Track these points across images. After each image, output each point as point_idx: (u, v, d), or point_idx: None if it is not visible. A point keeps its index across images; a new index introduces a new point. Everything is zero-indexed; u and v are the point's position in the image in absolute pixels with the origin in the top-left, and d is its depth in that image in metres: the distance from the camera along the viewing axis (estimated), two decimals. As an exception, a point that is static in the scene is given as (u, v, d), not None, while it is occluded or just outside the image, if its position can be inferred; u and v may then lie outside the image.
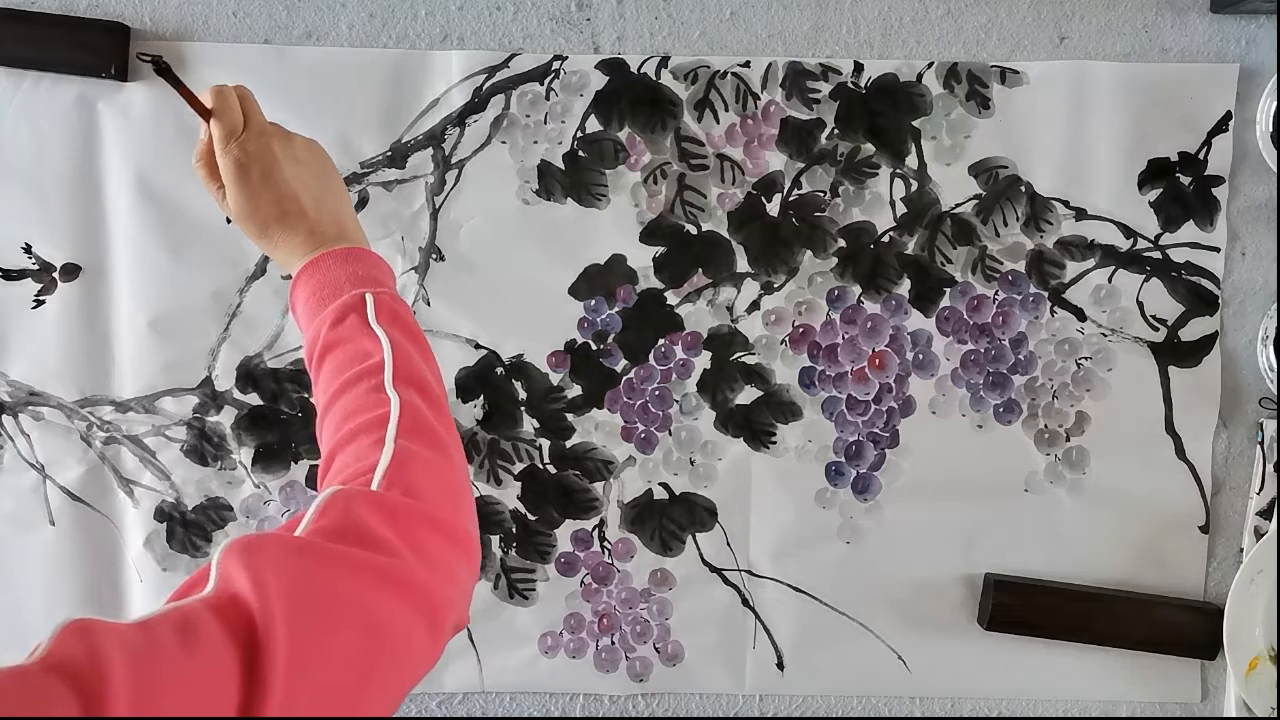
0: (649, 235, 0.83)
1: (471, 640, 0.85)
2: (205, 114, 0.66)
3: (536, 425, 0.84)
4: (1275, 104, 0.80)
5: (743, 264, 0.83)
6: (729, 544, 0.85)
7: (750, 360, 0.84)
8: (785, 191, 0.83)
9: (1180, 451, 0.84)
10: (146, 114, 0.81)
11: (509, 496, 0.84)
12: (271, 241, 0.66)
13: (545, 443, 0.84)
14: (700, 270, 0.83)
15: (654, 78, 0.82)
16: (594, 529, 0.85)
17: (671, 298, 0.83)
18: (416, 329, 0.64)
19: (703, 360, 0.84)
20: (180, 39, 0.81)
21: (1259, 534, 0.83)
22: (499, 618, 0.85)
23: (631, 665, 0.86)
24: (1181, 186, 0.82)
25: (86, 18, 0.80)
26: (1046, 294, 0.83)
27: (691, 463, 0.84)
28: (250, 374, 0.83)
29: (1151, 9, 0.82)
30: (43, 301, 0.81)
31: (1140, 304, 0.83)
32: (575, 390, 0.84)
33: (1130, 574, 0.85)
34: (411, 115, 0.82)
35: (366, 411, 0.57)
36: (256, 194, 0.65)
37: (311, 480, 0.84)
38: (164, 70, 0.65)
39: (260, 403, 0.83)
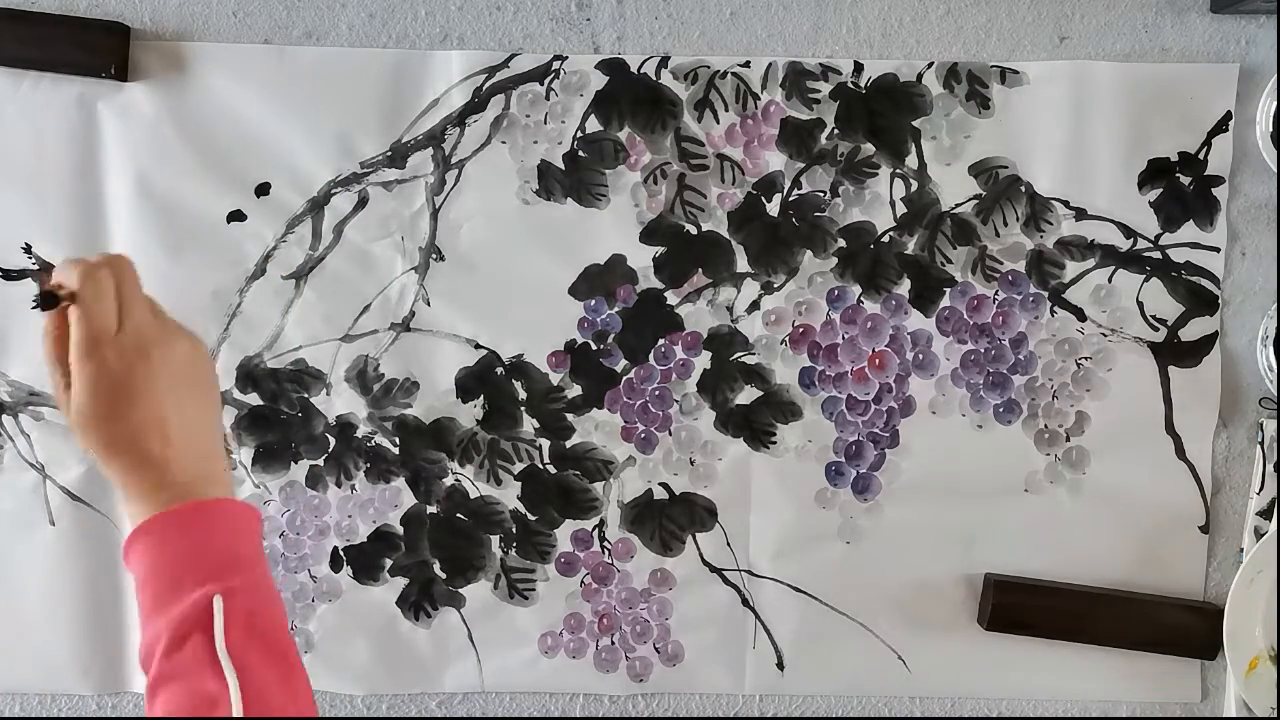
0: (649, 235, 0.83)
1: (471, 640, 0.85)
2: (51, 299, 0.53)
3: (536, 425, 0.84)
4: (1275, 104, 0.80)
5: (743, 264, 0.83)
6: (729, 544, 0.85)
7: (750, 360, 0.84)
8: (785, 191, 0.83)
9: (1180, 451, 0.84)
10: (146, 114, 0.81)
11: (509, 496, 0.84)
12: (114, 466, 0.52)
13: (545, 443, 0.84)
14: (700, 270, 0.83)
15: (654, 78, 0.82)
16: (594, 529, 0.85)
17: (671, 298, 0.83)
18: (283, 639, 0.51)
19: (703, 360, 0.84)
20: (180, 39, 0.81)
21: (1259, 534, 0.83)
22: (499, 618, 0.85)
23: (631, 665, 0.86)
24: (1181, 186, 0.82)
25: (86, 18, 0.80)
26: (1046, 294, 0.83)
27: (691, 463, 0.84)
28: (250, 374, 0.83)
29: (1151, 9, 0.82)
30: (43, 301, 0.81)
31: (1140, 304, 0.83)
32: (575, 390, 0.84)
33: (1130, 574, 0.85)
34: (411, 115, 0.82)
35: None
36: (114, 413, 0.51)
37: (312, 480, 0.84)
38: (51, 301, 0.53)
39: (260, 403, 0.83)
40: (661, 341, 0.83)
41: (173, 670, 0.48)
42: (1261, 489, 0.83)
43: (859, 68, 0.82)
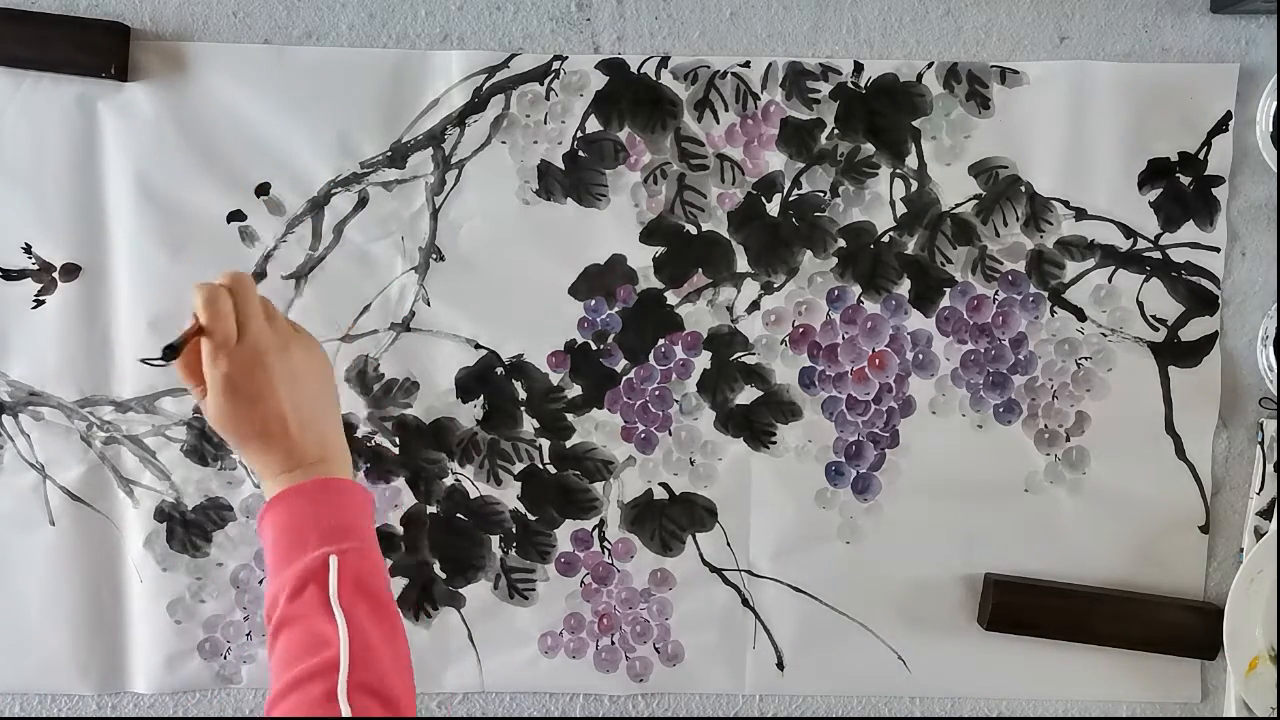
0: (649, 235, 0.83)
1: (471, 640, 0.85)
2: (197, 327, 0.63)
3: (536, 425, 0.84)
4: (1275, 104, 0.80)
5: (743, 264, 0.83)
6: (729, 544, 0.85)
7: (750, 360, 0.84)
8: (785, 191, 0.83)
9: (1180, 451, 0.84)
10: (146, 114, 0.81)
11: (509, 496, 0.84)
12: (248, 454, 0.64)
13: (545, 443, 0.84)
14: (700, 270, 0.83)
15: (654, 78, 0.82)
16: (594, 529, 0.85)
17: (671, 298, 0.83)
18: (385, 597, 0.60)
19: (703, 360, 0.84)
20: (180, 39, 0.81)
21: (1259, 534, 0.83)
22: (499, 618, 0.85)
23: (631, 665, 0.86)
24: (1181, 186, 0.82)
25: (86, 18, 0.80)
26: (1046, 294, 0.83)
27: (691, 463, 0.84)
28: (250, 374, 0.83)
29: (1151, 9, 0.82)
30: (43, 301, 0.81)
31: (1140, 304, 0.83)
32: (575, 390, 0.84)
33: (1130, 574, 0.85)
34: (411, 115, 0.82)
35: None
36: (240, 410, 0.62)
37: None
38: (174, 352, 0.62)
39: (260, 403, 0.83)
40: (661, 341, 0.83)
41: (293, 613, 0.57)
42: (1261, 489, 0.83)
43: (859, 68, 0.82)
